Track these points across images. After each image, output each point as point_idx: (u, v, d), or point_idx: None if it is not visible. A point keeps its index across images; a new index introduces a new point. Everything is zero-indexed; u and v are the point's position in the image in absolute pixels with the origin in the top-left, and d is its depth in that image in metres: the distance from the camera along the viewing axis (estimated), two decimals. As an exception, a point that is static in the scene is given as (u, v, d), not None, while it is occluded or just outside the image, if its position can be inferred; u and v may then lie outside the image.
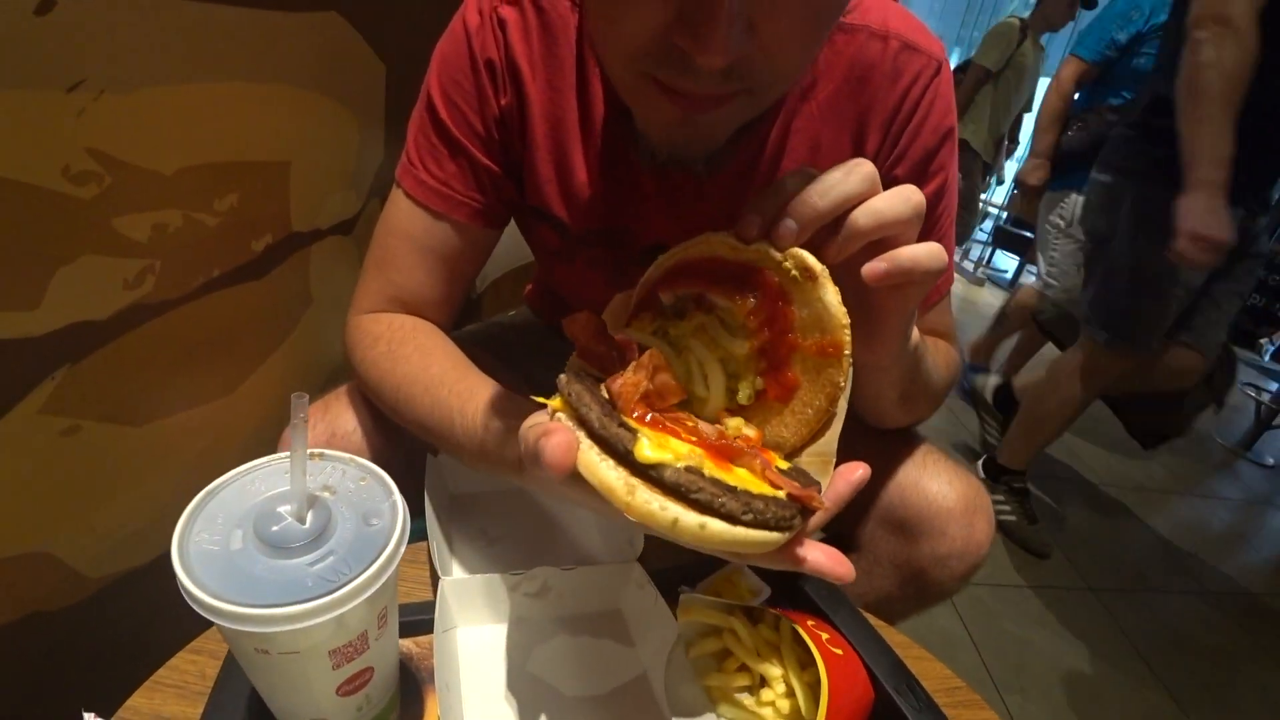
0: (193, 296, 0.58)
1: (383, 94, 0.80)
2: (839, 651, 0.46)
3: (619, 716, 0.46)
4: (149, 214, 0.51)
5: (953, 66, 0.64)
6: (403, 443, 0.62)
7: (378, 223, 0.61)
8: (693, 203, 0.58)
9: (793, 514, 0.30)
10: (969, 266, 5.14)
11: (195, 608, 0.29)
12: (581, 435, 0.30)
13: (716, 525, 0.28)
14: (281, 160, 0.65)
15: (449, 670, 0.44)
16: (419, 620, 0.48)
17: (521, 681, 0.48)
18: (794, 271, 0.33)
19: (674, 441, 0.31)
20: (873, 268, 0.35)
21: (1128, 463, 2.51)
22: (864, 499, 0.67)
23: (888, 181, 0.53)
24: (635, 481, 0.28)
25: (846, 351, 0.34)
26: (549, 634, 0.52)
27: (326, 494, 0.35)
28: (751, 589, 0.55)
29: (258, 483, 0.35)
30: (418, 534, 0.53)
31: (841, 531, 0.69)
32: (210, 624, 0.46)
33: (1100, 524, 2.05)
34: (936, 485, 0.64)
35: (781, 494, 0.30)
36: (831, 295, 0.33)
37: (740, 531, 0.28)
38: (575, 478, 0.31)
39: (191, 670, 0.46)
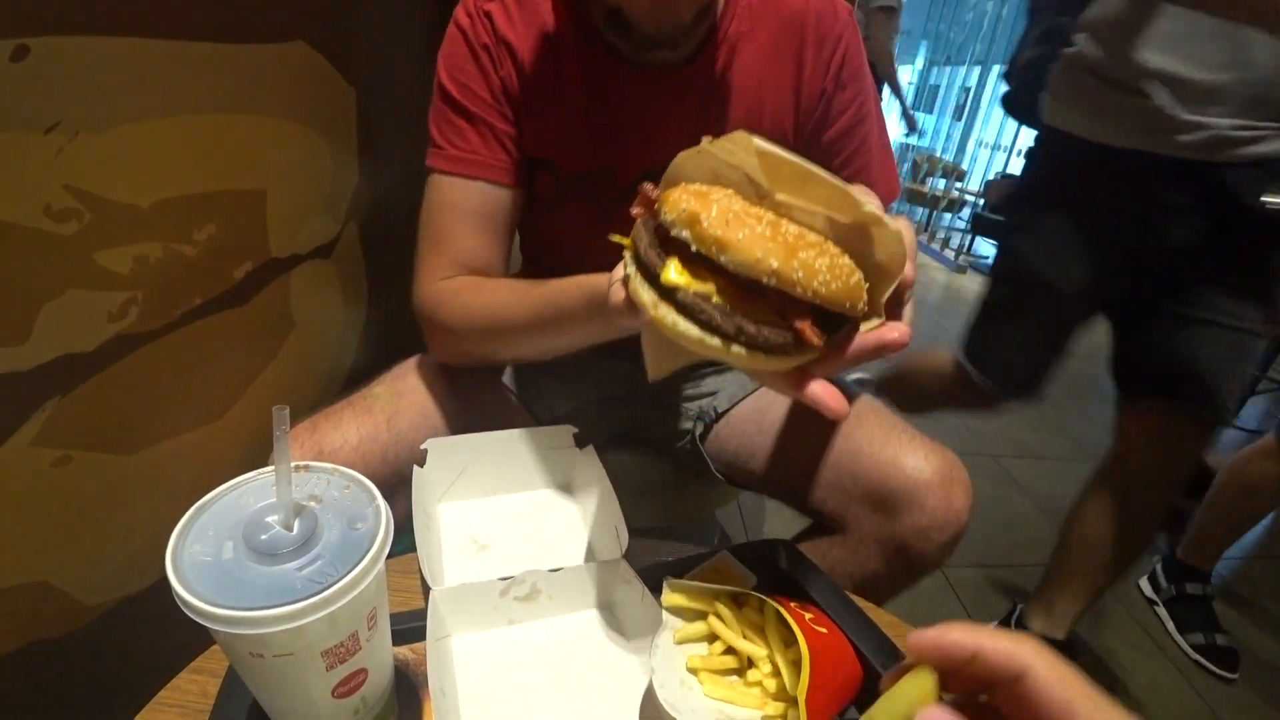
0: (176, 325, 0.59)
1: (354, 118, 0.82)
2: (823, 630, 0.47)
3: (612, 709, 0.48)
4: (129, 247, 0.52)
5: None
6: (388, 460, 0.64)
7: (421, 211, 0.68)
8: (663, 129, 0.69)
9: (788, 341, 0.36)
10: (950, 255, 5.19)
11: (191, 615, 0.30)
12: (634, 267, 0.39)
13: (714, 341, 0.36)
14: (258, 188, 0.67)
15: (444, 676, 0.45)
16: (413, 628, 0.49)
17: (516, 683, 0.49)
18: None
19: (701, 274, 0.37)
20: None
21: (1100, 429, 2.54)
22: (845, 480, 0.69)
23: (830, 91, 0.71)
24: (661, 300, 0.37)
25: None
26: (540, 635, 0.53)
27: (312, 503, 0.36)
28: (738, 576, 0.56)
29: (246, 496, 0.36)
30: (407, 546, 0.54)
31: (824, 513, 0.71)
32: (210, 644, 0.48)
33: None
34: (914, 461, 0.66)
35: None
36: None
37: (735, 349, 0.36)
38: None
39: (193, 689, 0.46)
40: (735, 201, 0.37)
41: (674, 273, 0.36)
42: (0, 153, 0.42)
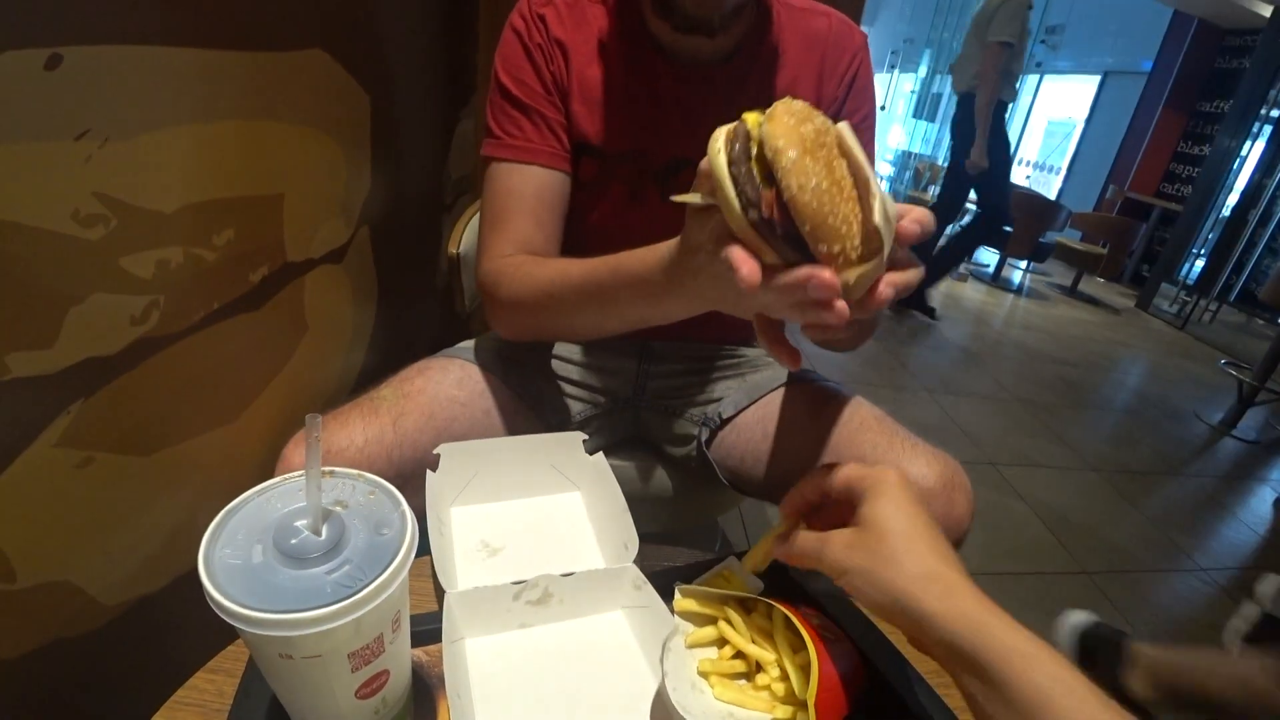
0: (196, 329, 0.60)
1: (368, 124, 0.83)
2: (829, 635, 0.48)
3: (623, 711, 0.48)
4: (153, 252, 0.53)
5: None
6: (393, 461, 0.65)
7: (482, 199, 0.74)
8: (697, 120, 0.69)
9: (756, 199, 0.39)
10: (951, 263, 5.20)
11: (224, 617, 0.31)
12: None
13: (721, 160, 0.40)
14: (275, 193, 0.68)
15: (459, 678, 0.46)
16: (428, 630, 0.50)
17: (529, 686, 0.50)
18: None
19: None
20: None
21: (1099, 438, 2.55)
22: None
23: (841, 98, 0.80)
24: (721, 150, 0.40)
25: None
26: (552, 639, 0.54)
27: (339, 508, 0.37)
28: (745, 584, 0.57)
29: (274, 500, 0.37)
30: (420, 549, 0.55)
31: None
32: (226, 644, 0.49)
33: (1091, 507, 2.09)
34: (917, 467, 0.67)
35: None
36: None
37: (726, 176, 0.39)
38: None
39: (210, 689, 0.47)
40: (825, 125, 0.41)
41: (748, 122, 0.41)
42: (32, 159, 0.43)
